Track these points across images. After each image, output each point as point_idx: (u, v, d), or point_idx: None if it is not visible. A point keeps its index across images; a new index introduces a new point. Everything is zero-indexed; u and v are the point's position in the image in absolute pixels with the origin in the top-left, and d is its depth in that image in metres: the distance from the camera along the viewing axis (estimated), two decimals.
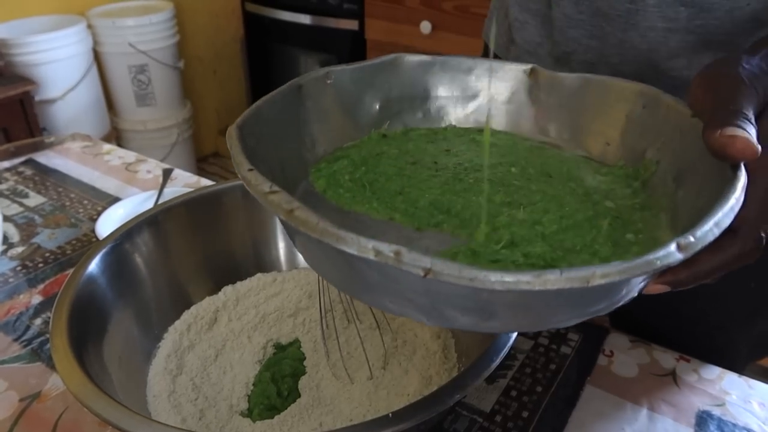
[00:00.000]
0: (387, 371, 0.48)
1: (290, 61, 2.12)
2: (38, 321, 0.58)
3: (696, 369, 0.52)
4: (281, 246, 0.58)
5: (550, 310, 0.28)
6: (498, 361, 0.37)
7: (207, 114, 2.52)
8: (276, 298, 0.55)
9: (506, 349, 0.38)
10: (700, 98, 0.35)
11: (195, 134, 2.36)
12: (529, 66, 0.46)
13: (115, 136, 2.11)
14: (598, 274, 0.24)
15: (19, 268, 0.66)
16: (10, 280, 0.64)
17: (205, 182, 0.82)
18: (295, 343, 0.51)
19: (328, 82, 0.43)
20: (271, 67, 2.18)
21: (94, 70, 1.95)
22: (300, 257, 0.59)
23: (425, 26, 1.69)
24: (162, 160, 2.09)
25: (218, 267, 0.56)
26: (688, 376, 0.51)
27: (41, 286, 0.63)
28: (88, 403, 0.34)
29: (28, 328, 0.57)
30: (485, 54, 0.69)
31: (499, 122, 0.48)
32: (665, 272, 0.29)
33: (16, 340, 0.56)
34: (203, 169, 2.49)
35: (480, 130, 0.47)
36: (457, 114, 0.48)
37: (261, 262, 0.58)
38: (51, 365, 0.53)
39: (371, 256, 0.25)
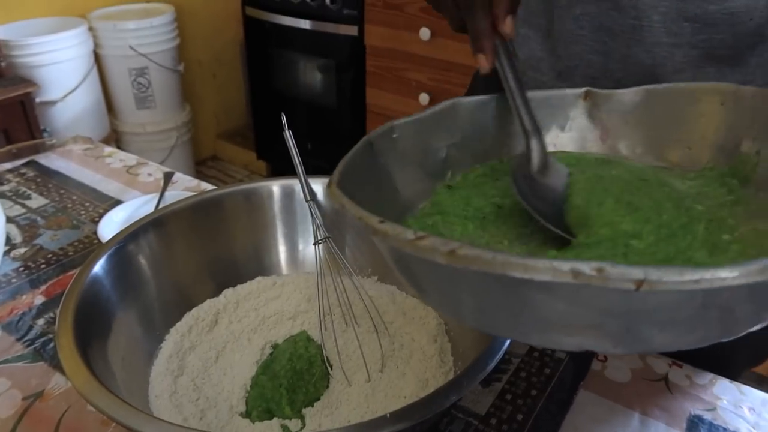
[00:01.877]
0: (384, 374, 0.49)
1: (290, 65, 2.13)
2: (41, 321, 0.59)
3: (688, 374, 0.53)
4: (282, 250, 0.59)
5: (750, 310, 0.27)
6: (493, 364, 0.38)
7: (206, 117, 2.53)
8: (276, 301, 0.56)
9: (501, 353, 0.39)
10: None
11: (194, 137, 2.37)
12: (582, 90, 0.47)
13: (115, 139, 2.12)
14: None
15: (21, 268, 0.67)
16: (13, 280, 0.65)
17: (206, 186, 0.83)
18: (294, 338, 0.52)
19: (394, 136, 0.43)
20: (270, 71, 2.19)
21: (95, 72, 1.96)
22: (301, 260, 0.60)
23: (424, 33, 1.70)
24: (161, 163, 2.10)
25: (219, 270, 0.57)
26: (681, 381, 0.52)
27: (43, 287, 0.64)
28: (94, 401, 0.35)
29: (30, 328, 0.58)
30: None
31: (565, 149, 0.48)
32: None
33: (18, 339, 0.56)
34: (201, 173, 2.50)
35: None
36: (518, 146, 0.47)
37: (261, 265, 0.59)
38: (54, 365, 0.53)
39: (569, 279, 0.23)
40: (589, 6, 0.52)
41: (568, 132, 0.48)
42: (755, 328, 0.29)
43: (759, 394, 0.51)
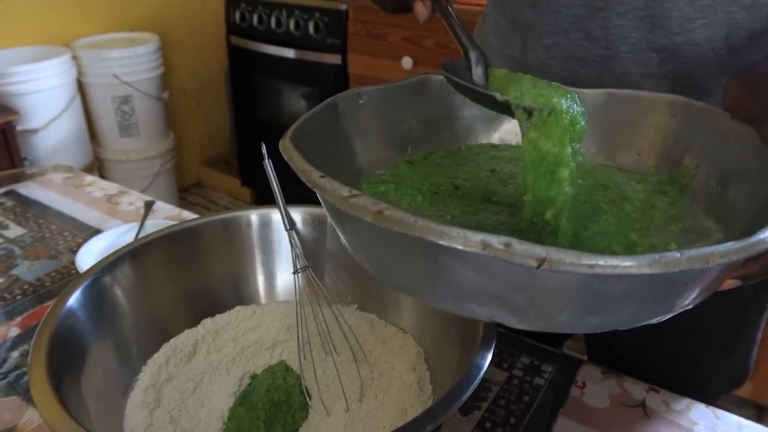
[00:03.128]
0: (363, 403, 0.48)
1: (274, 94, 2.15)
2: (15, 354, 0.58)
3: (665, 400, 0.53)
4: (260, 279, 0.59)
5: (651, 300, 0.28)
6: (470, 392, 0.38)
7: (190, 145, 2.53)
8: (255, 330, 0.56)
9: (478, 380, 0.39)
10: (741, 101, 0.37)
11: (178, 165, 2.37)
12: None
13: (98, 166, 2.11)
14: (716, 254, 0.25)
15: None
16: None
17: (187, 214, 0.83)
18: (273, 368, 0.52)
19: (360, 102, 0.45)
20: (254, 99, 2.21)
21: (78, 100, 1.96)
22: (280, 289, 0.59)
23: (407, 62, 1.73)
24: (144, 190, 2.09)
25: (198, 300, 0.56)
26: (658, 406, 0.53)
27: (19, 319, 0.63)
28: None
29: (4, 361, 0.57)
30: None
31: (519, 140, 0.50)
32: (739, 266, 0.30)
33: None
34: (185, 199, 2.49)
35: (495, 146, 0.48)
36: (484, 133, 0.50)
37: (240, 295, 0.59)
38: (27, 399, 0.53)
39: (478, 249, 0.25)
40: (561, 36, 0.54)
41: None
42: (651, 322, 0.31)
43: (734, 418, 0.51)
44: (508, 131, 0.50)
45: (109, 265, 0.50)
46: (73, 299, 0.46)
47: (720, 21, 0.49)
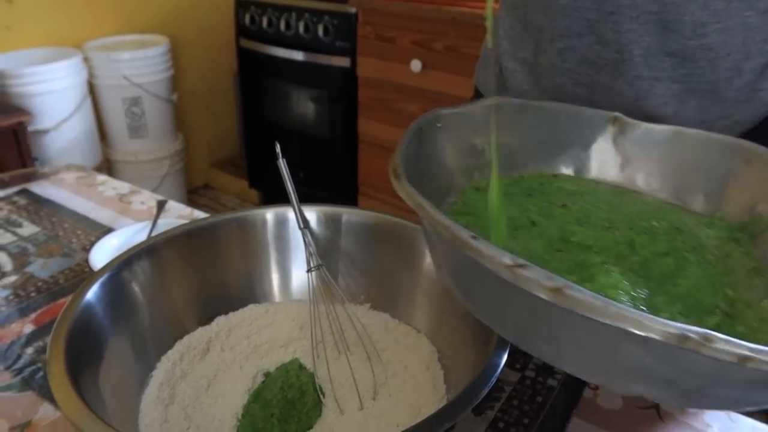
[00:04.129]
0: (377, 402, 0.49)
1: (283, 96, 2.15)
2: (30, 350, 0.58)
3: None
4: (274, 278, 0.59)
5: None
6: (485, 391, 0.38)
7: (199, 146, 2.54)
8: (268, 329, 0.56)
9: (493, 380, 0.39)
10: None
11: (186, 166, 2.38)
12: (612, 114, 0.48)
13: (107, 167, 2.12)
14: None
15: (11, 297, 0.66)
16: (2, 308, 0.64)
17: (198, 214, 0.83)
18: (286, 366, 0.52)
19: (438, 125, 0.44)
20: (263, 102, 2.22)
21: (88, 101, 1.98)
22: (293, 287, 0.60)
23: (416, 65, 1.73)
24: (153, 191, 2.10)
25: (212, 297, 0.57)
26: (672, 408, 0.52)
27: (33, 315, 0.63)
28: (85, 430, 0.35)
29: (19, 357, 0.57)
30: (477, 96, 0.71)
31: (584, 169, 0.49)
32: None
33: (7, 368, 0.56)
34: (193, 201, 2.50)
35: (555, 176, 0.48)
36: (544, 161, 0.49)
37: (254, 293, 0.59)
38: (42, 394, 0.53)
39: (675, 342, 0.23)
40: (573, 40, 0.54)
41: (591, 152, 0.49)
42: None
43: (749, 421, 0.51)
44: (567, 160, 0.50)
45: (126, 261, 0.50)
46: (91, 294, 0.46)
47: (735, 26, 0.48)
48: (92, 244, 0.74)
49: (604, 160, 0.48)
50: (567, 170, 0.50)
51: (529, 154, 0.49)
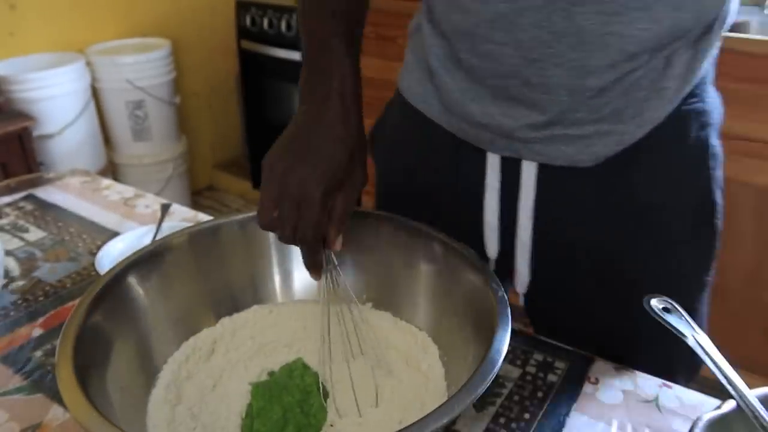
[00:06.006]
0: (379, 399, 0.49)
1: (285, 97, 2.16)
2: (39, 353, 0.59)
3: (678, 395, 0.54)
4: (277, 279, 0.60)
5: None
6: (484, 387, 0.39)
7: (202, 148, 2.56)
8: (272, 329, 0.57)
9: (492, 376, 0.40)
10: None
11: (190, 168, 2.39)
12: None
13: (112, 171, 2.14)
14: None
15: (19, 301, 0.67)
16: (11, 313, 0.65)
17: (203, 217, 0.84)
18: (290, 365, 0.52)
19: None
20: (265, 102, 2.23)
21: (92, 105, 1.99)
22: (296, 288, 0.60)
23: None
24: (157, 194, 2.10)
25: (216, 299, 0.57)
26: (671, 402, 0.53)
27: (41, 319, 0.64)
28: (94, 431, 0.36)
29: (28, 360, 0.58)
30: (398, 99, 0.69)
31: None
32: None
33: (17, 372, 0.57)
34: (198, 203, 2.51)
35: None
36: None
37: (257, 294, 0.60)
38: (51, 396, 0.54)
39: None
40: (500, 80, 0.54)
41: None
42: None
43: None
44: None
45: (130, 264, 0.51)
46: (98, 298, 0.47)
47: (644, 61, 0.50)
48: (98, 248, 0.75)
49: None
50: None
51: None
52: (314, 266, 0.51)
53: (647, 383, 0.55)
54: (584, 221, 0.58)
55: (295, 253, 0.60)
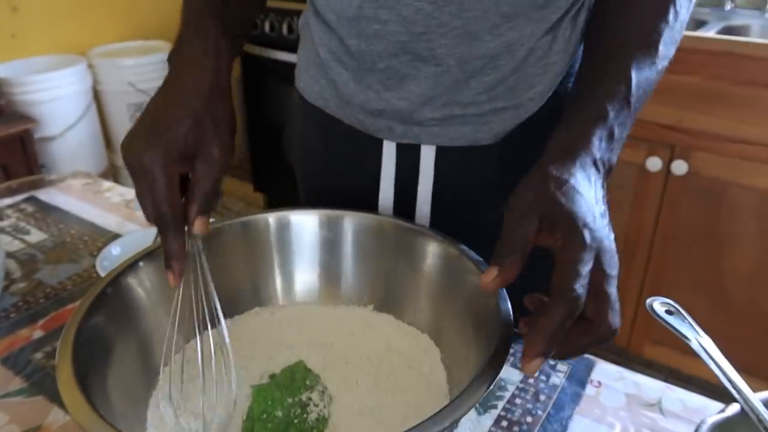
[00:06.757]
0: (380, 402, 0.49)
1: (286, 99, 2.16)
2: (39, 355, 0.59)
3: (681, 398, 0.53)
4: (279, 281, 0.60)
5: None
6: (486, 391, 0.39)
7: None
8: (273, 331, 0.57)
9: (493, 380, 0.40)
10: None
11: None
12: None
13: (113, 173, 2.14)
14: None
15: (20, 303, 0.67)
16: (12, 315, 0.65)
17: None
18: (291, 368, 0.52)
19: None
20: (267, 105, 2.23)
21: (94, 108, 1.99)
22: (297, 290, 0.60)
23: None
24: None
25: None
26: (674, 405, 0.53)
27: (42, 321, 0.64)
28: None
29: (29, 362, 0.58)
30: (300, 100, 0.69)
31: None
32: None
33: (17, 374, 0.57)
34: None
35: None
36: None
37: (258, 296, 0.60)
38: (52, 398, 0.54)
39: None
40: (392, 60, 0.55)
41: None
42: None
43: None
44: None
45: (131, 266, 0.51)
46: (98, 300, 0.47)
47: (523, 21, 0.53)
48: (99, 250, 0.75)
49: None
50: None
51: None
52: (172, 255, 0.46)
53: (650, 386, 0.55)
54: (484, 200, 0.59)
55: (296, 254, 0.60)
